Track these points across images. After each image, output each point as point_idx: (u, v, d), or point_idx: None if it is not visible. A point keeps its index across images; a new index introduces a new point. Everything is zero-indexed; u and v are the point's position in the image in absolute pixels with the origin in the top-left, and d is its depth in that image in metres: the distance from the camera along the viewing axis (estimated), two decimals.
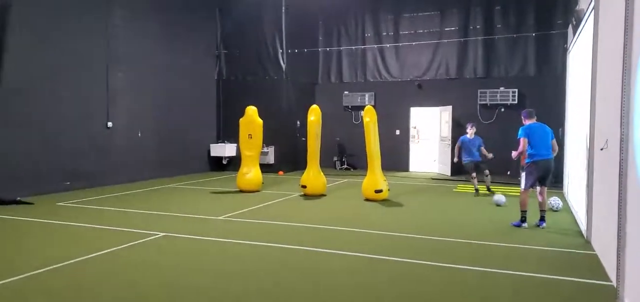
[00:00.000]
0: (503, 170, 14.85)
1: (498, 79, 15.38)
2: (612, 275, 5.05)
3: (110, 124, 12.50)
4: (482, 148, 11.60)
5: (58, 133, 11.16)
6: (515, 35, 15.10)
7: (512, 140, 14.26)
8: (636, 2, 4.30)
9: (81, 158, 11.73)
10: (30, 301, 4.57)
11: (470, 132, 11.59)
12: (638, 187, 3.96)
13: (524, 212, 7.82)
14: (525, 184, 7.82)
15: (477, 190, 11.44)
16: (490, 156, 11.38)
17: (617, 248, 4.52)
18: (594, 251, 6.40)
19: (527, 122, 7.95)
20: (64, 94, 11.31)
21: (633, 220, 4.20)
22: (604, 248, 5.87)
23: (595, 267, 5.72)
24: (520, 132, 7.89)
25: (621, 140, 4.49)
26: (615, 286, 4.69)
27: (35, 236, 7.18)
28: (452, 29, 15.93)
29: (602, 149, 5.86)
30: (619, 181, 4.50)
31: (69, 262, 5.74)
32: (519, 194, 8.18)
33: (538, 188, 7.90)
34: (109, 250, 6.28)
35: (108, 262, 5.84)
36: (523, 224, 7.78)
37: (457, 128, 15.47)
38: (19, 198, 9.65)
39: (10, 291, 4.80)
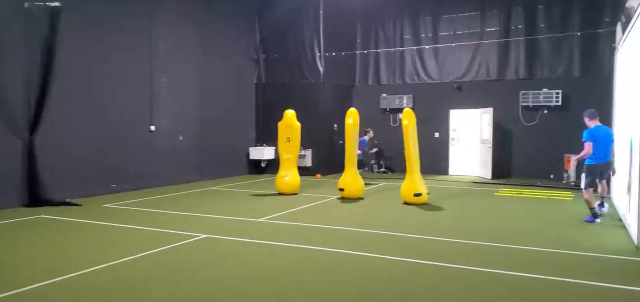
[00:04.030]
0: (546, 174, 14.44)
1: (541, 80, 14.93)
2: None
3: (153, 128, 12.90)
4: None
5: (104, 137, 11.59)
6: (559, 35, 14.63)
7: (556, 143, 14.00)
8: None
9: (126, 161, 12.15)
10: (77, 299, 4.77)
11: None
12: None
13: (592, 209, 8.15)
14: (586, 184, 8.07)
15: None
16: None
17: None
18: None
19: (591, 124, 8.08)
20: (110, 99, 11.74)
21: None
22: None
23: None
24: (585, 135, 8.01)
25: None
26: None
27: (83, 236, 7.48)
28: (493, 29, 15.58)
29: None
30: None
31: (115, 262, 5.96)
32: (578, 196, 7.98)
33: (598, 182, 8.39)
34: (153, 251, 6.48)
35: (152, 262, 6.03)
36: (596, 220, 8.11)
37: (498, 131, 15.15)
38: (67, 200, 10.11)
39: (58, 289, 5.03)
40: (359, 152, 13.64)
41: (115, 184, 11.78)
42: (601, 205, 8.56)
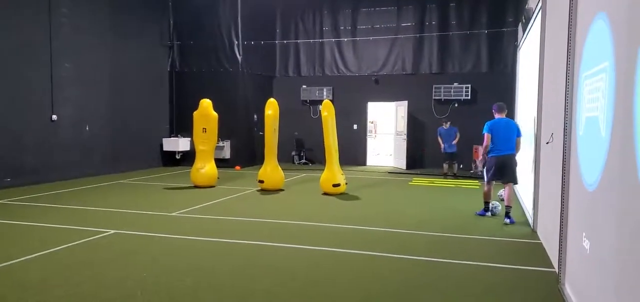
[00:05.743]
0: (457, 164, 15.24)
1: (452, 75, 15.72)
2: (554, 262, 5.26)
3: (54, 117, 11.93)
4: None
5: None
6: (468, 32, 15.46)
7: (466, 134, 14.83)
8: (579, 3, 4.46)
9: (23, 153, 11.16)
10: None
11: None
12: (579, 180, 4.12)
13: (487, 203, 8.29)
14: (487, 178, 8.14)
15: None
16: None
17: (559, 237, 4.70)
18: (539, 240, 6.64)
19: (496, 116, 8.08)
20: (3, 85, 10.70)
21: (574, 210, 4.36)
22: (547, 237, 6.11)
23: (540, 255, 5.95)
24: (485, 127, 8.03)
25: (564, 135, 4.65)
26: (557, 272, 4.88)
27: None
28: (409, 24, 16.12)
29: (547, 143, 6.08)
30: (562, 174, 4.67)
31: (11, 262, 5.43)
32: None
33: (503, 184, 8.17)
34: (54, 249, 5.98)
35: (54, 261, 5.56)
36: (486, 213, 8.26)
37: (413, 123, 15.75)
38: None
39: None
40: (445, 145, 13.65)
41: (10, 178, 10.76)
42: (507, 216, 7.74)
